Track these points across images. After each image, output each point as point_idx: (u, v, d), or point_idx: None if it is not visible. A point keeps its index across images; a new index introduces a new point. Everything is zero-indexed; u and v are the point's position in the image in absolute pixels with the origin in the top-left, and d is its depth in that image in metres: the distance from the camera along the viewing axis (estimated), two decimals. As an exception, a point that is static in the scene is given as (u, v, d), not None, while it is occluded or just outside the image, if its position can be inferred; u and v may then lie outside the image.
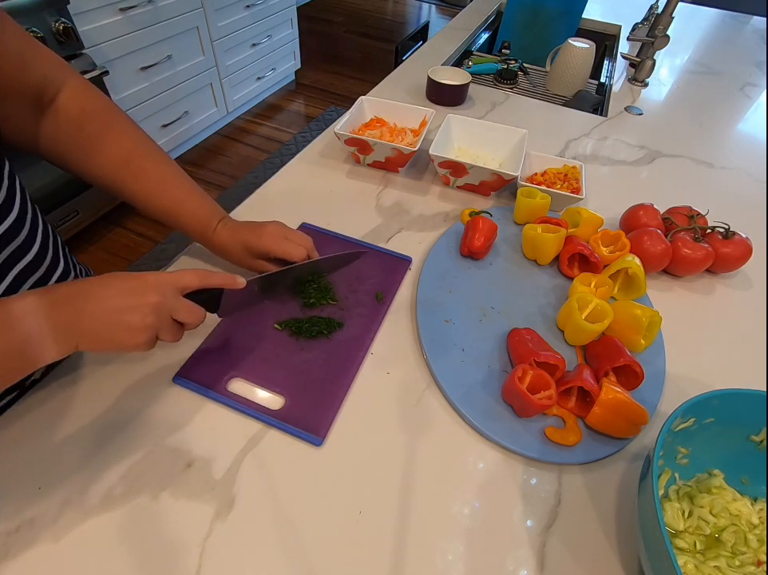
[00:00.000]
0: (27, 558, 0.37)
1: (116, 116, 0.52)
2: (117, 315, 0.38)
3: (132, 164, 0.52)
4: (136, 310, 0.38)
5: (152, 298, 0.39)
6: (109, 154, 0.51)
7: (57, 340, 0.35)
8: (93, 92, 0.51)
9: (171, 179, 0.54)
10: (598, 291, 0.58)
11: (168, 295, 0.40)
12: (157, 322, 0.39)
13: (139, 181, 0.52)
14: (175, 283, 0.41)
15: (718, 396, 0.40)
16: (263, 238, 0.54)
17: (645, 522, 0.35)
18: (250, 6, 2.20)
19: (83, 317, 0.37)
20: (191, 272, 0.43)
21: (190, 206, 0.55)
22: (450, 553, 0.40)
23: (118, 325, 0.38)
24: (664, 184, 0.85)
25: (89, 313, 0.37)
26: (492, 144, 0.81)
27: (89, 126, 0.50)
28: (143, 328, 0.38)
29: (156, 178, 0.53)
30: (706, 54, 1.38)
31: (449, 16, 3.86)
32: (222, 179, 2.18)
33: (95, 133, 0.50)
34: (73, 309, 0.36)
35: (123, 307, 0.38)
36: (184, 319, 0.42)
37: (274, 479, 0.43)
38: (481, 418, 0.48)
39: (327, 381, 0.50)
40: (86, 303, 0.37)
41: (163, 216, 0.55)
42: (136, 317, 0.38)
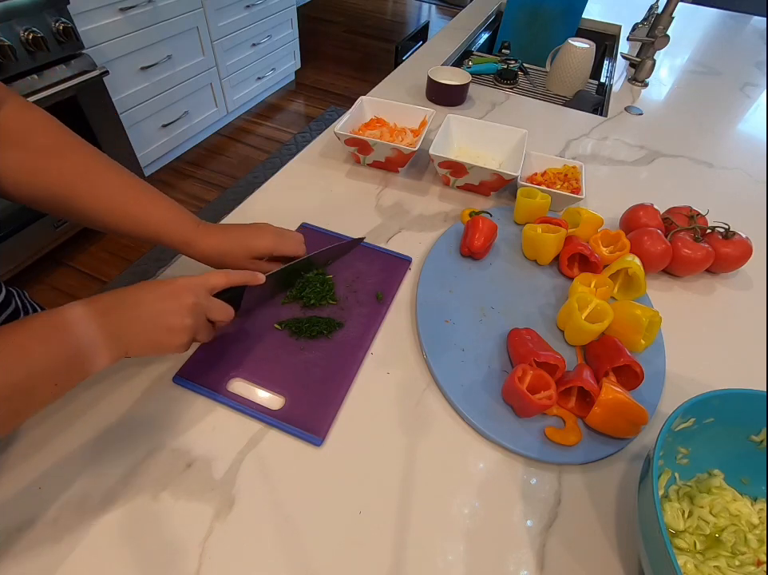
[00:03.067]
0: (27, 558, 0.37)
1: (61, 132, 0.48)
2: (160, 318, 0.40)
3: (89, 176, 0.47)
4: (175, 312, 0.40)
5: (188, 299, 0.41)
6: (61, 170, 0.46)
7: (109, 346, 0.37)
8: (34, 109, 0.47)
9: (135, 190, 0.50)
10: (598, 291, 0.58)
11: (201, 296, 0.43)
12: (194, 322, 0.41)
13: (98, 194, 0.48)
14: (204, 284, 0.44)
15: (718, 396, 0.40)
16: (266, 238, 0.55)
17: (645, 522, 0.35)
18: (250, 6, 2.20)
19: (130, 322, 0.38)
20: (217, 273, 0.45)
21: (164, 217, 0.51)
22: (450, 553, 0.40)
23: (161, 328, 0.40)
24: (664, 184, 0.85)
25: (135, 318, 0.39)
26: (492, 144, 0.81)
27: (31, 143, 0.45)
28: (183, 329, 0.40)
29: (119, 192, 0.49)
30: (706, 54, 1.38)
31: (449, 16, 3.86)
32: (222, 179, 2.18)
33: (40, 150, 0.45)
34: (121, 315, 0.38)
35: (163, 310, 0.40)
36: (217, 318, 0.44)
37: (274, 479, 0.43)
38: (481, 418, 0.48)
39: (327, 381, 0.50)
40: (131, 310, 0.39)
41: (136, 230, 0.50)
42: (177, 319, 0.40)
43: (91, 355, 0.36)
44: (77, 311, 0.36)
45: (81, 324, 0.36)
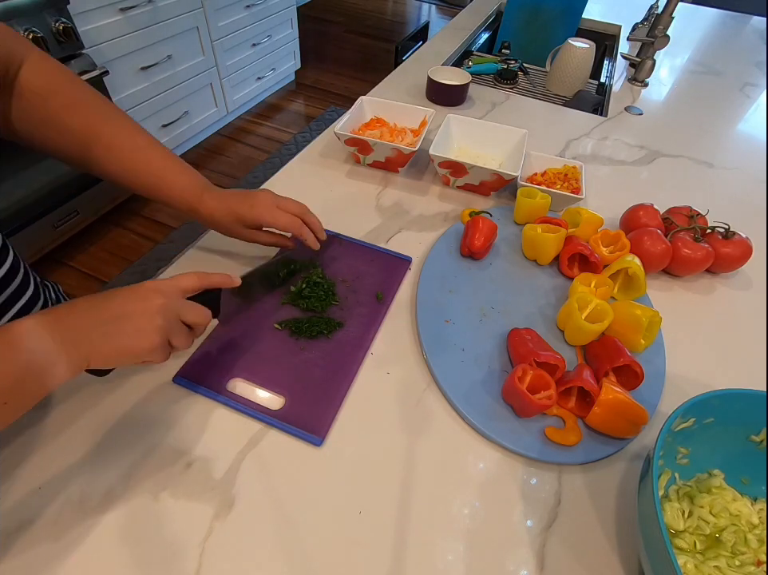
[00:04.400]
0: (27, 558, 0.37)
1: (80, 89, 0.49)
2: (124, 320, 0.36)
3: (102, 136, 0.49)
4: (142, 314, 0.37)
5: (156, 300, 0.38)
6: (76, 128, 0.48)
7: (67, 356, 0.33)
8: (55, 66, 0.48)
9: (146, 149, 0.51)
10: (598, 291, 0.58)
11: (171, 297, 0.39)
12: (166, 324, 0.38)
13: (112, 156, 0.49)
14: (175, 285, 0.41)
15: (718, 396, 0.40)
16: (255, 208, 0.53)
17: (645, 522, 0.35)
18: (250, 6, 2.20)
19: (91, 327, 0.35)
20: (188, 275, 0.42)
21: (170, 177, 0.52)
22: (450, 553, 0.40)
23: (127, 331, 0.36)
24: (664, 184, 0.85)
25: (96, 321, 0.35)
26: (492, 144, 0.81)
27: (52, 101, 0.47)
28: (152, 330, 0.37)
29: (129, 149, 0.50)
30: (706, 54, 1.38)
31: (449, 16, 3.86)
32: (222, 179, 2.18)
33: (59, 108, 0.47)
34: (77, 320, 0.35)
35: (129, 312, 0.37)
36: (192, 320, 0.41)
37: (274, 479, 0.43)
38: (481, 418, 0.48)
39: (327, 381, 0.50)
40: (91, 313, 0.36)
41: (144, 190, 0.52)
42: (144, 320, 0.37)
43: (45, 369, 0.33)
44: (26, 323, 0.33)
45: (31, 336, 0.32)
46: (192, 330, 0.42)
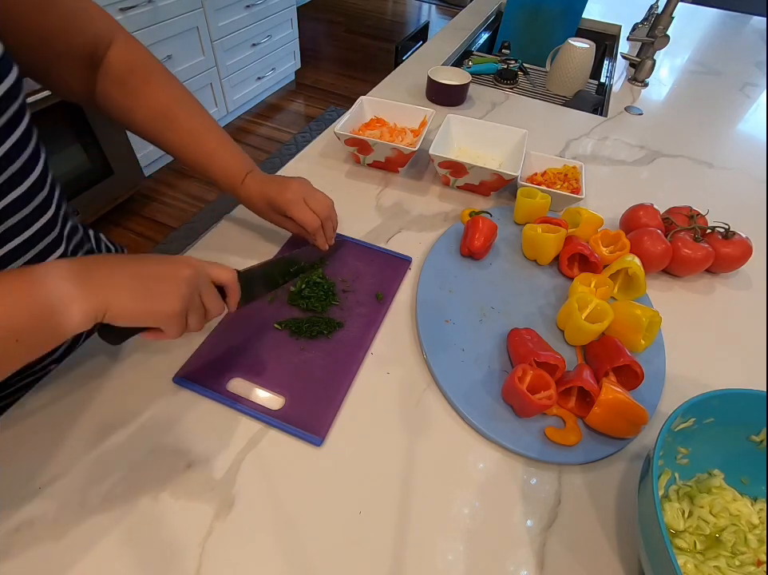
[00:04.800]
0: (27, 558, 0.37)
1: (155, 71, 0.54)
2: (153, 280, 0.36)
3: (168, 115, 0.53)
4: (171, 278, 0.37)
5: (187, 271, 0.38)
6: (148, 107, 0.53)
7: (86, 299, 0.33)
8: (137, 48, 0.53)
9: (203, 131, 0.55)
10: (598, 291, 0.58)
11: (200, 274, 0.40)
12: (189, 295, 0.38)
13: (173, 133, 0.54)
14: (206, 267, 0.41)
15: (718, 396, 0.40)
16: (284, 195, 0.55)
17: (645, 522, 0.35)
18: (250, 6, 2.20)
19: (117, 279, 0.35)
20: (225, 267, 0.43)
21: (219, 158, 0.56)
22: (450, 553, 0.40)
23: (153, 290, 0.36)
24: (664, 184, 0.85)
25: (124, 275, 0.35)
26: (492, 144, 0.81)
27: (130, 80, 0.52)
28: (177, 296, 0.37)
29: (188, 130, 0.55)
30: (706, 54, 1.38)
31: (449, 16, 3.86)
32: (222, 179, 2.18)
33: (136, 87, 0.52)
34: (106, 270, 0.35)
35: (159, 273, 0.37)
36: (210, 305, 0.41)
37: (274, 479, 0.43)
38: (481, 418, 0.48)
39: (327, 381, 0.50)
40: (121, 267, 0.36)
41: (196, 168, 0.56)
42: (172, 284, 0.37)
43: (61, 309, 0.32)
44: (54, 264, 0.33)
45: (54, 276, 0.32)
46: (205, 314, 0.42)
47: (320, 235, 0.58)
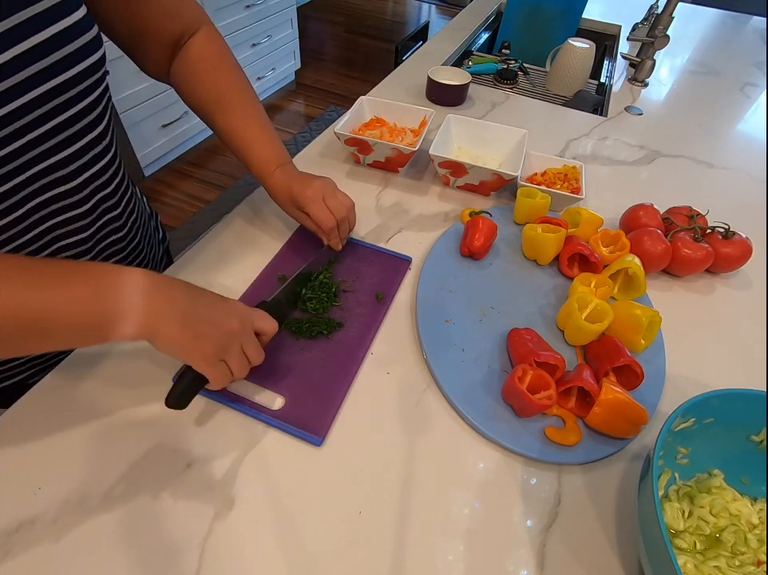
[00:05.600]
0: (27, 558, 0.37)
1: (224, 61, 0.58)
2: (201, 321, 0.39)
3: (221, 102, 0.57)
4: (217, 325, 0.40)
5: (235, 324, 0.41)
6: (208, 90, 0.57)
7: (140, 320, 0.36)
8: (217, 39, 0.58)
9: (250, 119, 0.58)
10: (598, 291, 0.58)
11: (246, 326, 0.43)
12: (228, 346, 0.41)
13: (223, 117, 0.57)
14: (256, 321, 0.44)
15: (718, 396, 0.40)
16: (305, 191, 0.56)
17: (645, 522, 0.35)
18: (250, 6, 2.20)
19: (176, 304, 0.38)
20: (271, 321, 0.46)
21: (258, 147, 0.58)
22: (450, 553, 0.40)
23: (197, 329, 0.38)
24: (664, 184, 0.85)
25: (179, 308, 0.38)
26: (492, 144, 0.81)
27: (201, 65, 0.56)
28: (215, 344, 0.40)
29: (237, 116, 0.57)
30: (706, 54, 1.38)
31: (449, 16, 3.86)
32: (222, 179, 2.18)
33: (204, 71, 0.56)
34: (171, 294, 0.38)
35: (209, 317, 0.40)
36: (250, 355, 0.44)
37: (274, 479, 0.43)
38: (481, 418, 0.48)
39: (327, 381, 0.50)
40: (182, 299, 0.38)
41: (236, 154, 0.59)
42: (214, 331, 0.40)
43: (119, 319, 0.35)
44: (136, 275, 0.36)
45: (130, 287, 0.35)
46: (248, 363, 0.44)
47: (334, 235, 0.59)
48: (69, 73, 0.41)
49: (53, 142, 0.43)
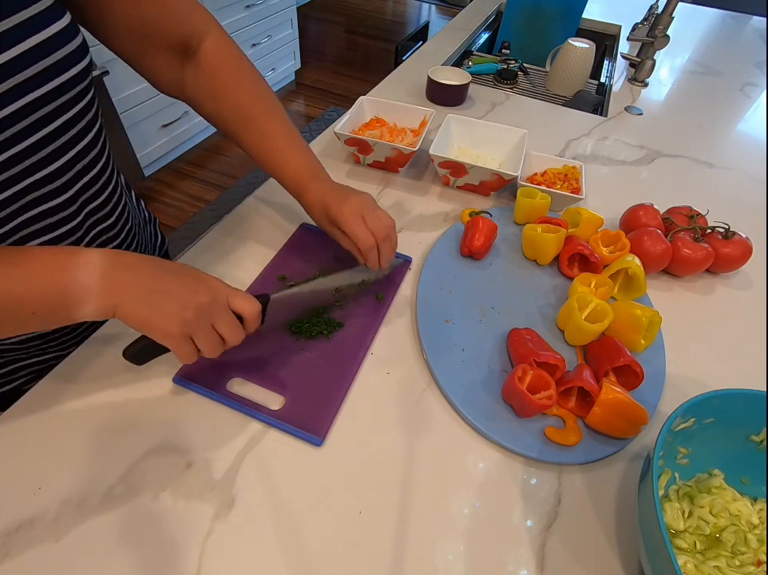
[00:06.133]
0: (27, 558, 0.37)
1: (242, 68, 0.55)
2: (164, 296, 0.38)
3: (246, 115, 0.55)
4: (180, 300, 0.38)
5: (203, 298, 0.39)
6: (229, 106, 0.54)
7: (102, 299, 0.36)
8: (229, 44, 0.55)
9: (275, 134, 0.56)
10: (598, 291, 0.58)
11: (217, 302, 0.40)
12: (193, 321, 0.39)
13: (249, 133, 0.55)
14: (233, 300, 0.42)
15: (718, 396, 0.40)
16: (342, 209, 0.53)
17: (645, 522, 0.35)
18: (250, 6, 2.20)
19: (135, 287, 0.37)
20: (248, 300, 0.43)
21: (287, 163, 0.56)
22: (450, 553, 0.40)
23: (158, 306, 0.38)
24: (664, 184, 0.85)
25: (142, 284, 0.37)
26: (492, 144, 0.81)
27: (220, 76, 0.53)
28: (178, 319, 0.38)
29: (262, 132, 0.55)
30: (706, 54, 1.38)
31: (449, 16, 3.86)
32: (222, 179, 2.18)
33: (223, 83, 0.54)
34: (130, 276, 0.37)
35: (173, 291, 0.38)
36: (223, 331, 0.41)
37: (274, 479, 0.43)
38: (481, 418, 0.48)
39: (327, 381, 0.50)
40: (145, 275, 0.38)
41: (266, 170, 0.57)
42: (177, 306, 0.38)
43: (77, 299, 0.36)
44: (93, 255, 0.36)
45: (87, 267, 0.36)
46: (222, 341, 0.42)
47: (372, 255, 0.53)
48: (56, 81, 0.39)
49: (39, 156, 0.41)
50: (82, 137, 0.46)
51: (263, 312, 0.45)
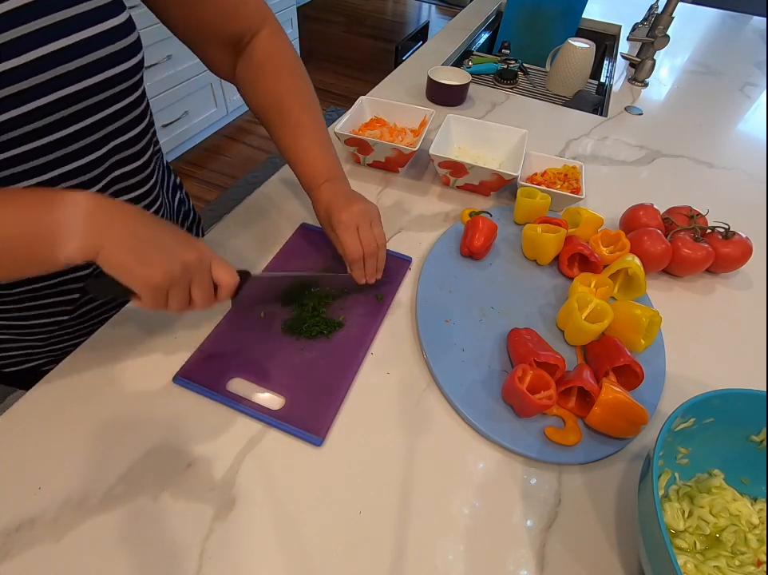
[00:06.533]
0: (27, 558, 0.37)
1: (287, 64, 0.58)
2: (151, 246, 0.37)
3: (278, 107, 0.57)
4: (169, 253, 0.37)
5: (189, 256, 0.38)
6: (268, 95, 0.57)
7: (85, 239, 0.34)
8: (280, 40, 0.58)
9: (304, 129, 0.57)
10: (598, 291, 0.58)
11: (200, 264, 0.40)
12: (177, 277, 0.38)
13: (280, 125, 0.57)
14: (213, 263, 0.41)
15: (718, 396, 0.40)
16: (341, 214, 0.53)
17: (645, 522, 0.35)
18: (250, 6, 2.20)
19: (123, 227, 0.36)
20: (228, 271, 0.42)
21: (308, 158, 0.57)
22: (450, 553, 0.40)
23: (145, 254, 0.36)
24: (664, 184, 0.85)
25: (130, 227, 0.36)
26: (492, 144, 0.81)
27: (264, 68, 0.57)
28: (164, 271, 0.37)
29: (292, 124, 0.57)
30: (706, 54, 1.38)
31: (449, 16, 3.86)
32: (222, 179, 2.18)
33: (265, 75, 0.57)
34: (118, 217, 0.36)
35: (161, 244, 0.37)
36: (195, 295, 0.41)
37: (274, 479, 0.43)
38: (481, 418, 0.48)
39: (327, 381, 0.50)
40: (132, 221, 0.37)
41: (288, 162, 0.59)
42: (164, 259, 0.37)
43: (59, 238, 0.34)
44: (80, 196, 0.35)
45: (73, 207, 0.34)
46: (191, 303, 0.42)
47: (358, 266, 0.54)
48: (106, 74, 0.42)
49: (85, 142, 0.43)
50: (127, 131, 0.48)
51: (239, 287, 0.45)
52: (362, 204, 0.54)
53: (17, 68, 0.36)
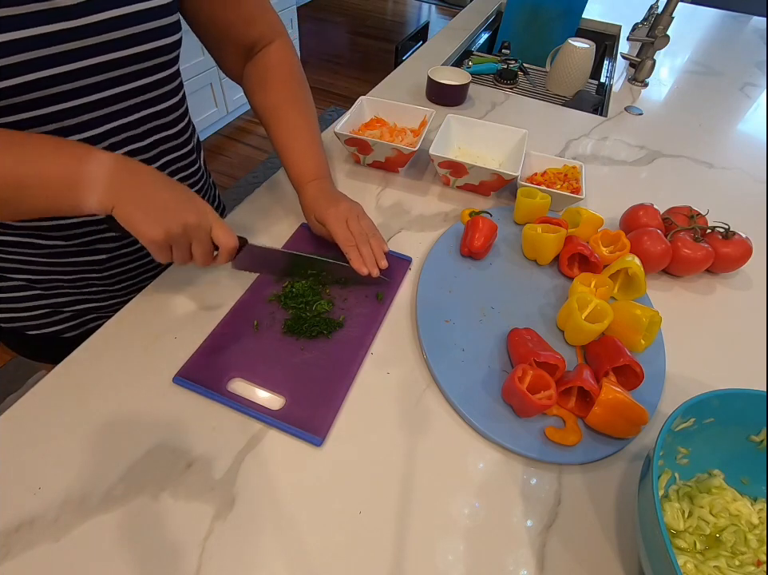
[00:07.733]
0: (27, 558, 0.37)
1: (291, 74, 0.63)
2: (157, 207, 0.42)
3: (279, 109, 0.62)
4: (171, 213, 0.43)
5: (191, 218, 0.44)
6: (269, 99, 0.62)
7: (107, 191, 0.40)
8: (289, 53, 0.63)
9: (299, 132, 0.62)
10: (598, 291, 0.58)
11: (203, 226, 0.45)
12: (177, 236, 0.43)
13: (277, 128, 0.62)
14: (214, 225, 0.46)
15: (718, 396, 0.40)
16: (329, 210, 0.58)
17: (645, 522, 0.35)
18: (250, 6, 2.20)
19: (135, 191, 0.41)
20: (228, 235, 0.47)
21: (299, 159, 0.62)
22: (450, 553, 0.40)
23: (149, 212, 0.42)
24: (664, 184, 0.85)
25: (143, 191, 0.42)
26: (492, 144, 0.81)
27: (270, 74, 0.62)
28: (164, 230, 0.42)
29: (288, 127, 0.62)
30: (706, 54, 1.38)
31: (449, 16, 3.86)
32: (222, 179, 2.18)
33: (270, 80, 0.62)
34: (136, 178, 0.42)
35: (167, 205, 0.43)
36: (196, 252, 0.46)
37: (274, 479, 0.43)
38: (481, 418, 0.48)
39: (327, 381, 0.50)
40: (145, 183, 0.42)
41: (281, 160, 0.63)
42: (166, 219, 0.42)
43: (82, 188, 0.39)
44: (104, 155, 0.41)
45: (97, 162, 0.40)
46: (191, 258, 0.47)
47: (353, 253, 0.55)
48: (146, 46, 0.47)
49: (126, 104, 0.50)
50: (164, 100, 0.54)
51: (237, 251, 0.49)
52: (347, 202, 0.60)
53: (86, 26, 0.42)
